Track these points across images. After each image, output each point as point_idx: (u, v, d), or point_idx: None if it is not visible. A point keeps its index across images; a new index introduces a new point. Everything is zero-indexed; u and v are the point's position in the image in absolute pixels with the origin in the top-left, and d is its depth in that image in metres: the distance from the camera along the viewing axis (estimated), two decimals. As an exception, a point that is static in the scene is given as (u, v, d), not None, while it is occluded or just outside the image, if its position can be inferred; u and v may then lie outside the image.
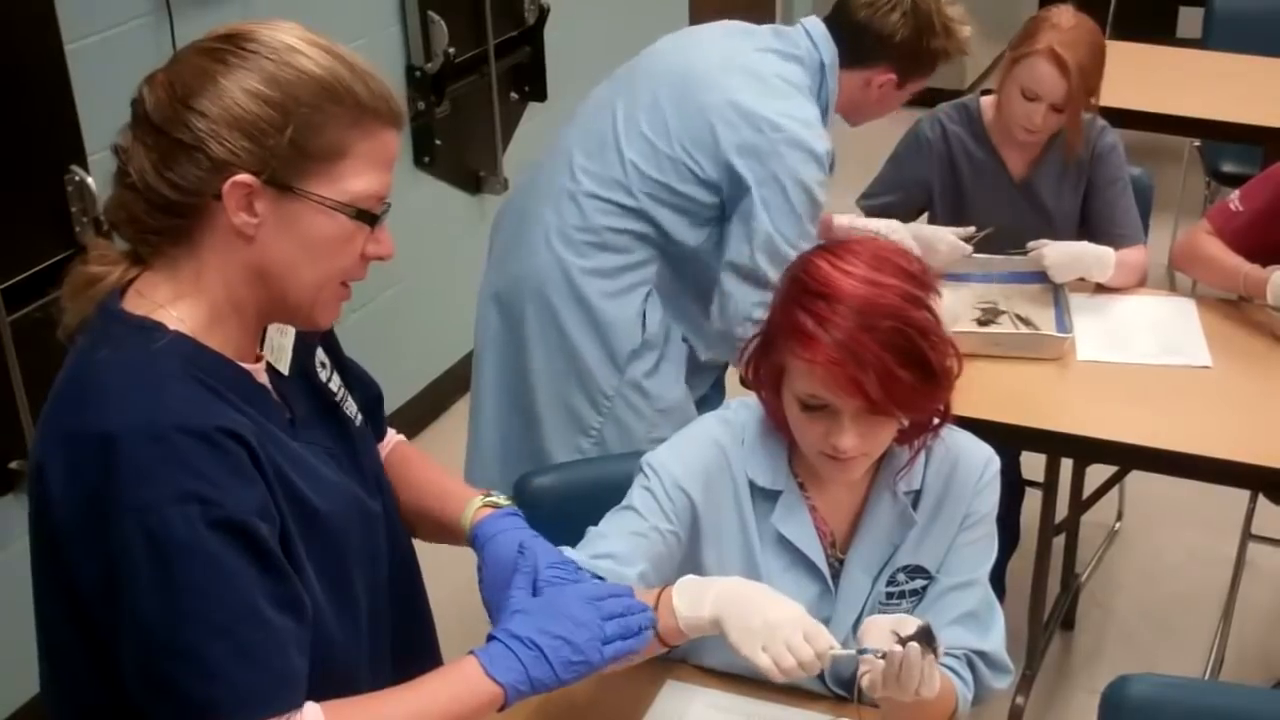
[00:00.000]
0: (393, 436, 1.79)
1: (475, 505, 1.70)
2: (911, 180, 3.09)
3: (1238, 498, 3.25)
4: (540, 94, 4.37)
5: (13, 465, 2.76)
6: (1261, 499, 3.15)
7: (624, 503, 1.85)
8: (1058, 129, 2.91)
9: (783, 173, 2.50)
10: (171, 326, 1.39)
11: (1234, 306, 2.90)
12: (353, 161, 1.40)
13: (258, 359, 1.48)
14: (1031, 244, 2.87)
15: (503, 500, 1.72)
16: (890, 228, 2.85)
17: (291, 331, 1.54)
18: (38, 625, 1.44)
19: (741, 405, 1.91)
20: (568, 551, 1.77)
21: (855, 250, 1.74)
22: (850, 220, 2.93)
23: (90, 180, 2.77)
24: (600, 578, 1.72)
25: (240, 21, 1.42)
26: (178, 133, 1.36)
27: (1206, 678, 3.11)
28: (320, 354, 1.61)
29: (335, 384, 1.62)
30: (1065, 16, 2.86)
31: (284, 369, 1.53)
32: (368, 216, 1.42)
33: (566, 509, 1.94)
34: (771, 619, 1.61)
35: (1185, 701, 1.88)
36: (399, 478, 1.73)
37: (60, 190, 2.75)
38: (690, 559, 1.85)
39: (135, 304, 1.40)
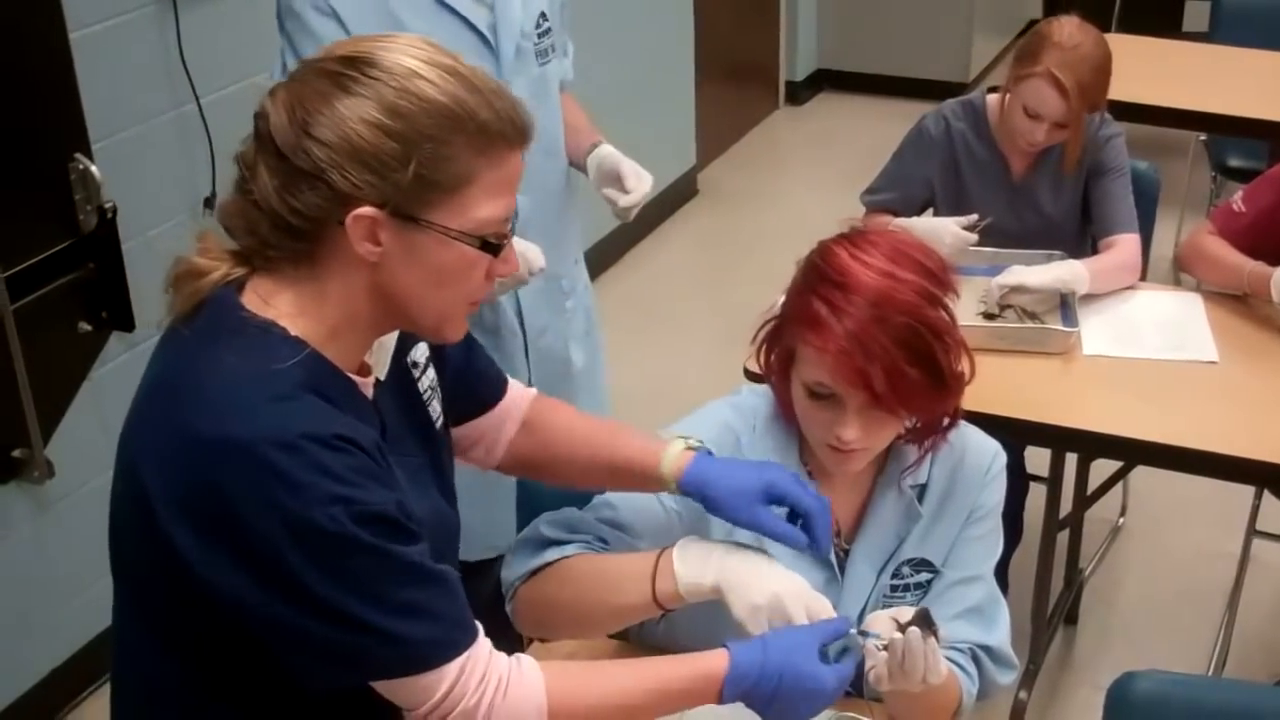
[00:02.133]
0: (526, 392, 1.79)
1: (676, 451, 1.69)
2: (915, 176, 3.07)
3: (1243, 494, 3.25)
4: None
5: (15, 454, 2.76)
6: (1267, 495, 3.15)
7: None
8: (1063, 140, 2.90)
9: None
10: (294, 333, 1.37)
11: (1240, 302, 2.89)
12: (478, 190, 1.37)
13: (361, 369, 1.47)
14: (997, 281, 2.78)
15: (694, 441, 1.71)
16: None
17: (395, 334, 1.53)
18: (121, 630, 1.47)
19: (751, 392, 1.90)
20: (571, 511, 1.79)
21: (875, 241, 1.72)
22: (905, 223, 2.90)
23: (94, 169, 2.76)
24: (604, 540, 1.76)
25: (361, 39, 1.39)
26: (298, 160, 1.33)
27: (1210, 674, 3.11)
28: (416, 352, 1.58)
29: (425, 383, 1.59)
30: (1067, 32, 2.81)
31: (382, 374, 1.51)
32: (493, 247, 1.39)
33: (565, 497, 1.93)
34: (775, 591, 1.60)
35: (1189, 698, 1.88)
36: (556, 430, 1.76)
37: (64, 179, 2.75)
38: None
39: (259, 309, 1.38)
